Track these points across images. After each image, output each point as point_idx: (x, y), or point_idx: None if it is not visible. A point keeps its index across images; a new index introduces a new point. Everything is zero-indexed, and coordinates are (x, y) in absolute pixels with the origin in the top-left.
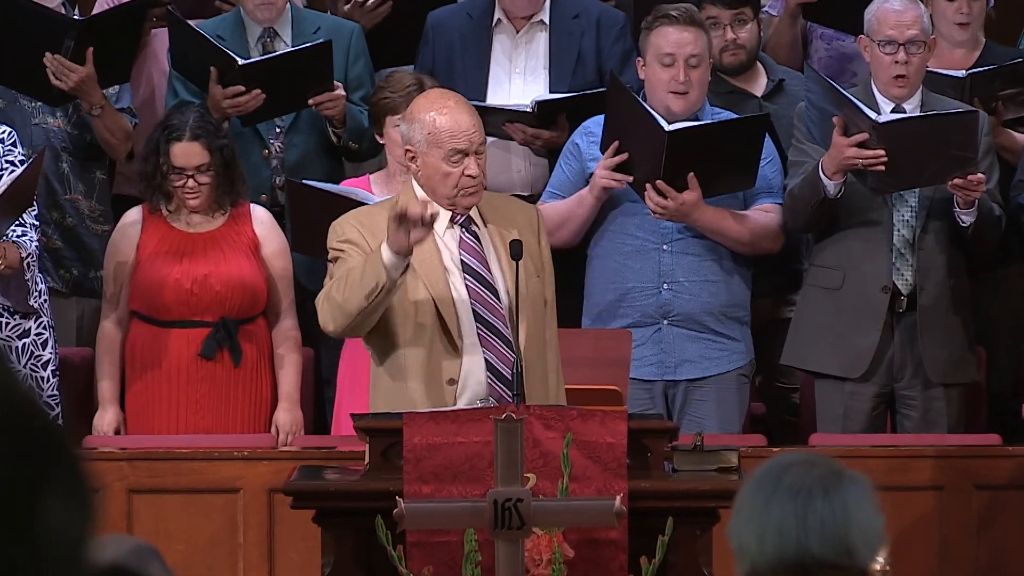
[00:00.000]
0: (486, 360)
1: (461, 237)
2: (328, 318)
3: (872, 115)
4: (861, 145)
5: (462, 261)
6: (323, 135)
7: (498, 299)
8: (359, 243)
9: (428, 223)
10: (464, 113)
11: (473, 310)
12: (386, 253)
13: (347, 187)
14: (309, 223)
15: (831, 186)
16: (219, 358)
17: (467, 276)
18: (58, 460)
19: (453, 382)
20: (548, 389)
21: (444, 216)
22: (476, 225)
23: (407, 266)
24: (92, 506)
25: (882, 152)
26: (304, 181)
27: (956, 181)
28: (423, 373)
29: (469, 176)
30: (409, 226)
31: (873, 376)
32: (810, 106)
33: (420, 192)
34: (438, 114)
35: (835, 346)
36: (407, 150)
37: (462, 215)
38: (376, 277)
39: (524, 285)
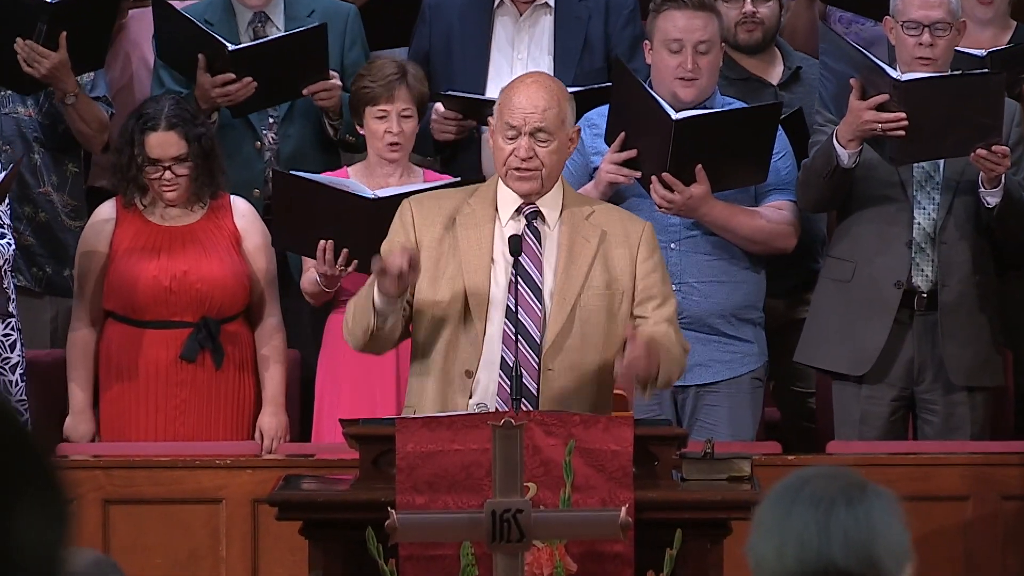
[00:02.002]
0: (502, 359)
1: (524, 231)
2: (347, 337)
3: (893, 73)
4: (881, 108)
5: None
6: (319, 126)
7: (540, 301)
8: (406, 227)
9: (415, 269)
10: (536, 92)
11: (507, 306)
12: (376, 294)
13: (335, 177)
14: (293, 217)
15: (845, 155)
16: (200, 360)
17: (515, 272)
18: (32, 470)
19: (470, 375)
20: (590, 407)
21: (512, 204)
22: (545, 222)
23: (403, 301)
24: (67, 517)
25: (903, 115)
26: (291, 172)
27: (980, 151)
28: (441, 362)
29: (517, 157)
30: (393, 276)
31: (890, 378)
32: (826, 72)
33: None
34: (512, 88)
35: (843, 342)
36: (488, 121)
37: (529, 206)
38: (367, 319)
39: (574, 294)
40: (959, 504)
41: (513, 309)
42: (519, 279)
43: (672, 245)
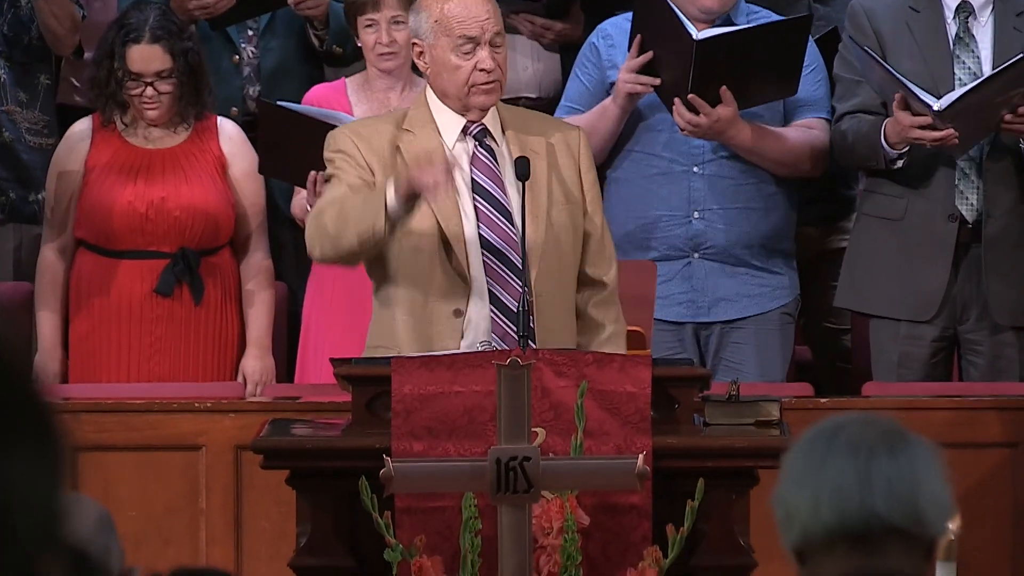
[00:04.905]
0: (491, 292)
1: (474, 152)
2: (316, 244)
3: (931, 101)
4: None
5: (472, 179)
6: (302, 38)
7: (511, 224)
8: (352, 154)
9: (449, 174)
10: None
11: (480, 235)
12: (391, 194)
13: (324, 109)
14: (280, 146)
15: (895, 154)
16: (177, 295)
17: (476, 196)
18: (23, 410)
19: (460, 313)
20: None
21: (456, 125)
22: (493, 139)
23: (409, 213)
24: (62, 461)
25: (952, 131)
26: (278, 103)
27: (1006, 117)
28: (423, 305)
29: (483, 71)
30: (437, 172)
31: (933, 317)
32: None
33: (433, 99)
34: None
35: (899, 285)
36: (414, 44)
37: (476, 123)
38: (373, 218)
39: (543, 211)
40: (1007, 451)
41: (488, 238)
42: (486, 204)
43: (695, 168)
